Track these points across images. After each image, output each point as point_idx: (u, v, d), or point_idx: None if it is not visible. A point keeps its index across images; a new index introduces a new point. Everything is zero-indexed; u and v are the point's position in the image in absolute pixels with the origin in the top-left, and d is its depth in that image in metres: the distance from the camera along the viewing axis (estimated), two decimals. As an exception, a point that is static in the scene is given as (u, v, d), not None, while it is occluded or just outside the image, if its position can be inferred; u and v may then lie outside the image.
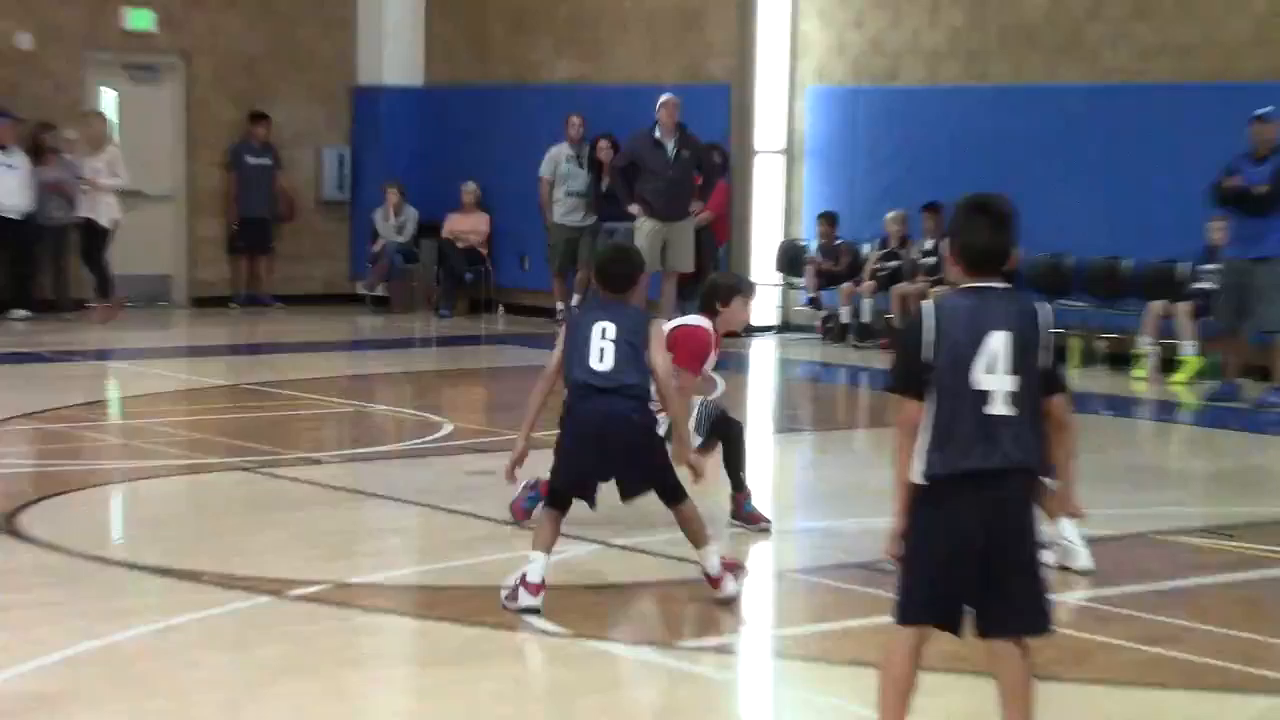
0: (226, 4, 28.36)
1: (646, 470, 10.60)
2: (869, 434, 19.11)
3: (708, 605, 10.64)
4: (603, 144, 25.42)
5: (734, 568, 10.52)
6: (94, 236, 25.78)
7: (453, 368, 22.74)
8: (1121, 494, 14.27)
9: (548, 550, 10.22)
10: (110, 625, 10.12)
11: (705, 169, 24.78)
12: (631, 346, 10.32)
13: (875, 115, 25.57)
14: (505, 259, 28.15)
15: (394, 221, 28.59)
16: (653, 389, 10.57)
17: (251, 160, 28.14)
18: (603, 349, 10.28)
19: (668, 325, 12.23)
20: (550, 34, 28.10)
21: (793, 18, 26.49)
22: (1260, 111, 19.91)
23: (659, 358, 10.48)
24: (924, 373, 7.14)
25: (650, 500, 10.69)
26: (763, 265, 26.40)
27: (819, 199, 26.05)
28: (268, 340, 24.57)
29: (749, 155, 26.46)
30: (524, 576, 10.14)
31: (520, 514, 12.48)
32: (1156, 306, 21.99)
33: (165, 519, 13.86)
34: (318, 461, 15.83)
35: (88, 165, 25.54)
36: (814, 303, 25.51)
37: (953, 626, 7.20)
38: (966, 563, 7.15)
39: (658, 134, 24.17)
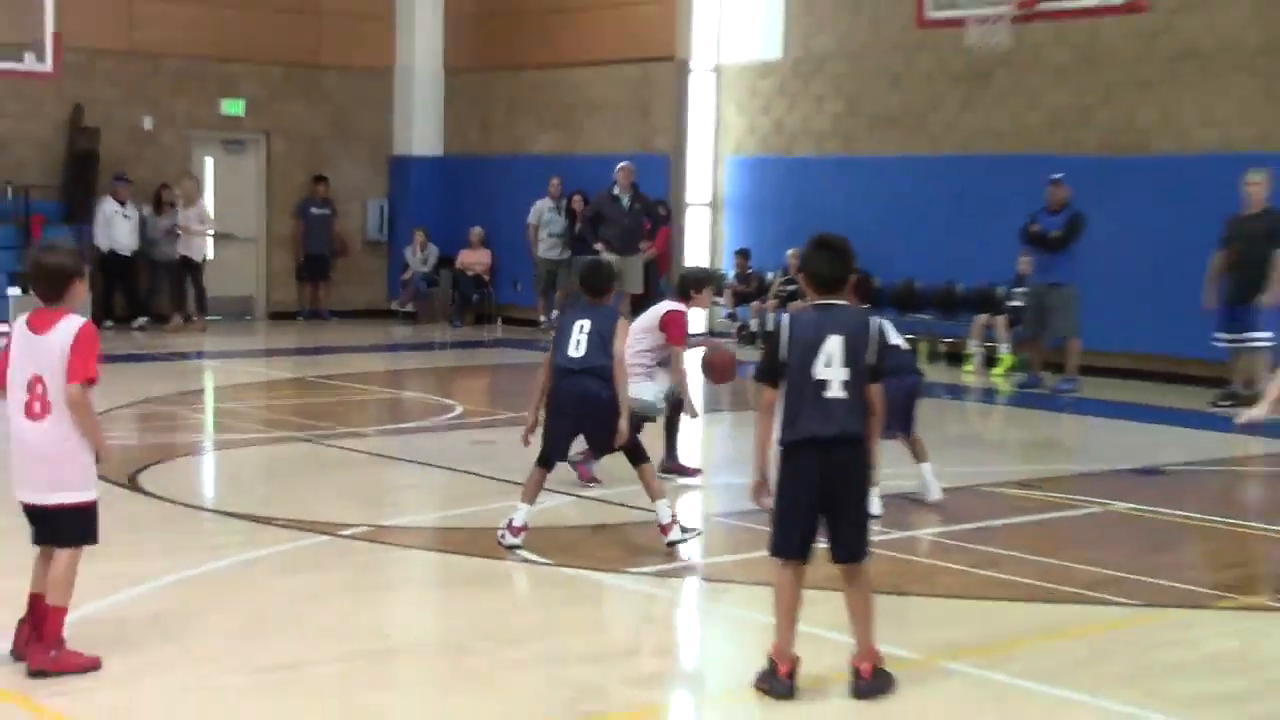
0: (297, 94, 28.43)
1: (610, 433, 10.73)
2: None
3: (655, 543, 10.85)
4: (576, 198, 25.79)
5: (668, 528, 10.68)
6: (191, 268, 25.90)
7: (462, 365, 22.87)
8: (957, 457, 14.49)
9: (531, 502, 10.61)
10: (207, 557, 10.53)
11: (652, 218, 25.07)
12: (601, 337, 10.58)
13: (777, 179, 25.77)
14: (503, 284, 28.35)
15: (420, 256, 28.87)
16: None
17: (314, 211, 28.34)
18: (579, 339, 10.46)
19: (658, 309, 12.85)
20: (536, 117, 28.23)
21: (716, 107, 26.73)
22: (1054, 176, 20.37)
23: (619, 344, 10.69)
24: (780, 367, 7.46)
25: (618, 462, 11.00)
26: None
27: (736, 239, 26.35)
28: (325, 344, 24.61)
29: (683, 208, 26.65)
30: (510, 521, 10.58)
31: (585, 475, 12.73)
32: (981, 318, 22.44)
33: (247, 478, 14.24)
34: (362, 435, 16.08)
35: (183, 215, 25.66)
36: (732, 316, 25.76)
37: (807, 554, 7.53)
38: (811, 507, 7.47)
39: (616, 191, 24.60)
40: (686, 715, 7.98)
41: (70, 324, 7.27)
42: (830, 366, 7.60)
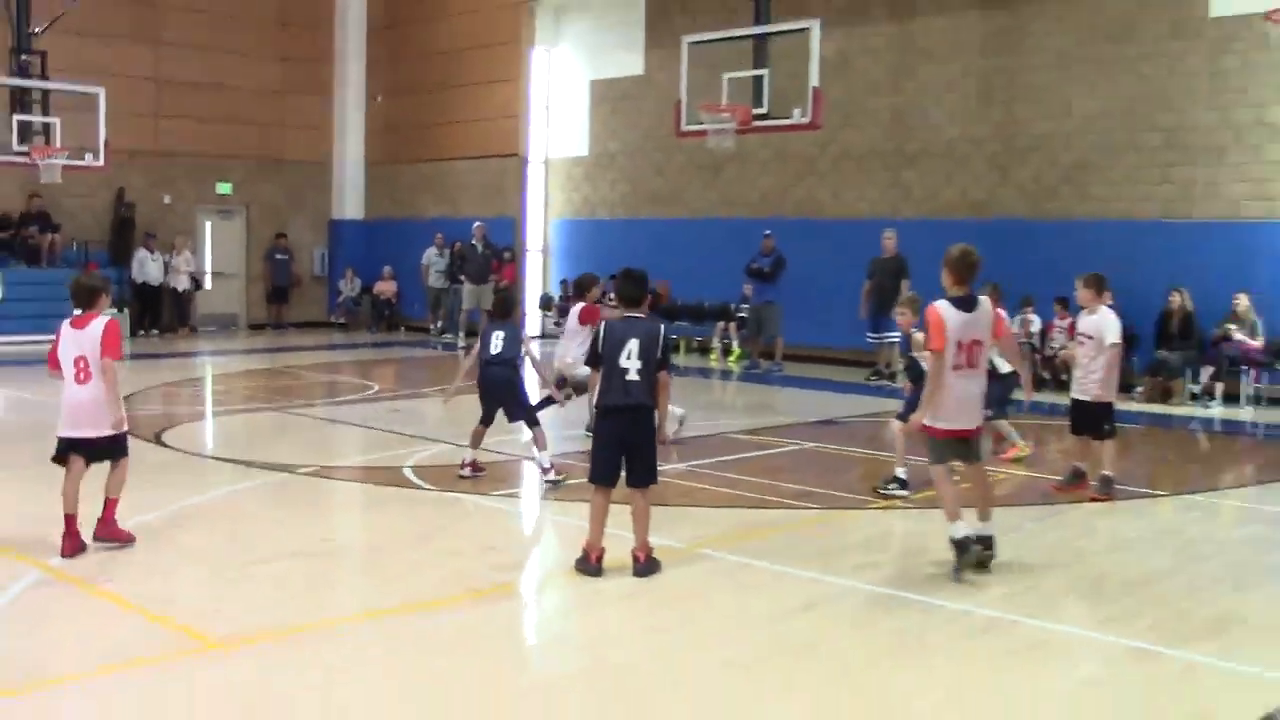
0: (267, 179, 28.10)
1: (516, 406, 10.96)
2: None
3: (512, 475, 10.90)
4: (458, 245, 25.36)
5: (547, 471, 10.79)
6: (181, 294, 25.75)
7: (378, 358, 22.63)
8: (706, 416, 14.56)
9: (476, 447, 10.92)
10: (209, 489, 10.52)
11: (499, 259, 25.07)
12: (514, 340, 10.93)
13: (586, 234, 25.85)
14: (405, 304, 28.09)
15: (349, 286, 28.55)
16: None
17: (278, 256, 27.98)
18: (495, 343, 10.77)
19: (574, 311, 12.80)
20: (428, 193, 28.08)
21: (545, 186, 26.72)
22: (766, 233, 20.82)
23: (533, 347, 11.56)
24: (599, 358, 7.59)
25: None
26: (532, 305, 26.47)
27: (559, 273, 26.26)
28: (285, 345, 24.27)
29: (524, 253, 26.61)
30: (464, 460, 10.92)
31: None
32: (720, 324, 22.52)
33: (235, 436, 14.04)
34: (312, 405, 15.93)
35: (176, 260, 25.48)
36: (558, 324, 25.69)
37: (613, 482, 7.63)
38: (617, 450, 7.55)
39: (474, 241, 24.46)
40: (530, 588, 8.02)
41: (101, 320, 7.98)
42: (630, 359, 7.75)
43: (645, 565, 7.80)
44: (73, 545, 7.87)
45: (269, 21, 28.16)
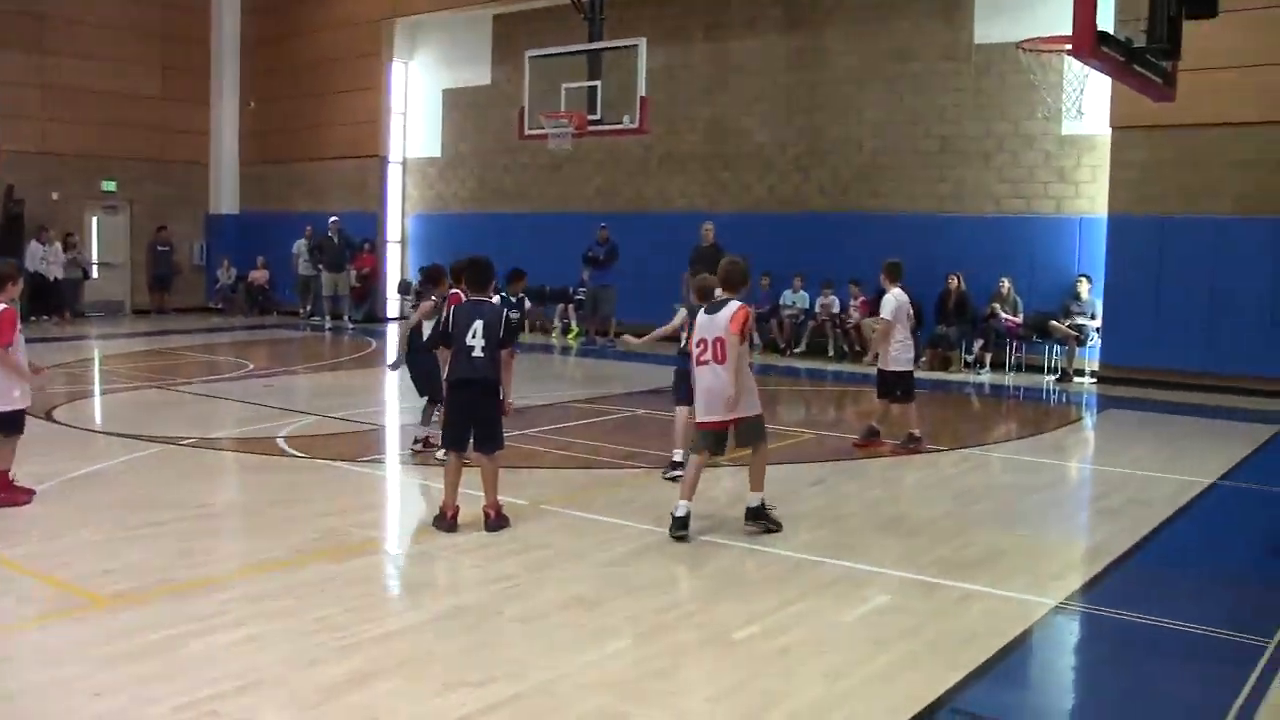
0: (150, 178, 27.01)
1: (419, 381, 10.29)
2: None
3: (377, 442, 10.71)
4: (314, 235, 24.86)
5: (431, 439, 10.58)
6: (65, 283, 24.66)
7: (252, 339, 22.03)
8: (547, 387, 14.49)
9: (426, 423, 10.38)
10: (99, 460, 10.11)
11: (354, 250, 24.61)
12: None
13: (439, 226, 25.48)
14: (278, 290, 27.41)
15: (226, 274, 27.71)
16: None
17: (160, 248, 26.90)
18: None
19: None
20: (297, 190, 27.34)
21: (403, 184, 26.30)
22: (601, 225, 20.65)
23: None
24: (449, 337, 7.48)
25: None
26: (392, 290, 26.06)
27: (419, 261, 25.86)
28: (168, 329, 23.53)
29: (385, 244, 26.13)
30: (416, 437, 10.48)
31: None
32: (561, 306, 22.45)
33: (120, 411, 13.46)
34: (191, 382, 15.43)
35: (47, 251, 24.40)
36: (415, 307, 25.29)
37: (464, 448, 7.54)
38: (465, 419, 7.47)
39: (331, 233, 24.04)
40: (393, 542, 7.90)
41: None
42: (476, 338, 7.64)
43: (495, 521, 7.74)
44: None
45: (151, 35, 27.13)
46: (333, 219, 24.63)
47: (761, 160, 20.92)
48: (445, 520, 7.70)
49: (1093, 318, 16.92)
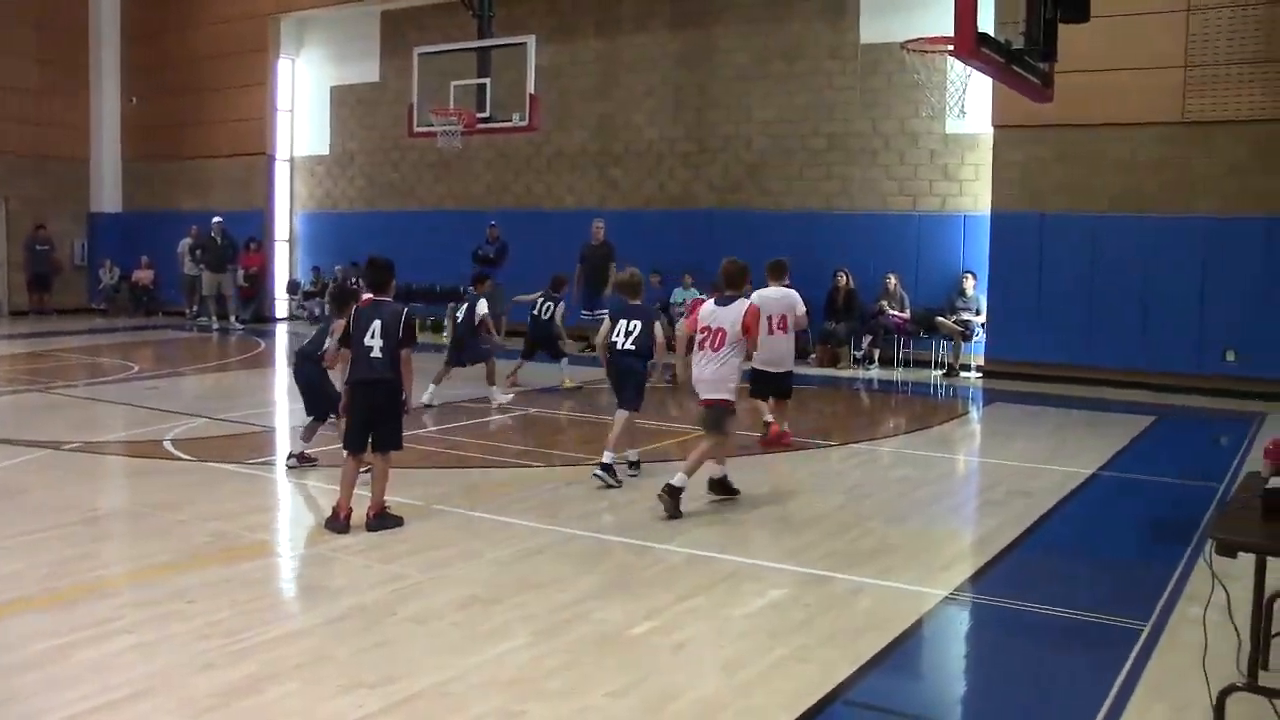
0: (28, 174, 26.22)
1: (306, 396, 9.86)
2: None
3: (267, 444, 10.51)
4: (198, 235, 24.31)
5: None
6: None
7: (137, 340, 21.52)
8: (440, 387, 14.41)
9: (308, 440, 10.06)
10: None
11: (236, 249, 24.06)
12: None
13: (328, 225, 25.20)
14: (163, 291, 26.79)
15: (109, 275, 27.03)
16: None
17: (39, 247, 26.06)
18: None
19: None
20: (182, 189, 26.74)
21: (290, 182, 25.88)
22: (491, 222, 20.46)
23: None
24: (349, 338, 7.40)
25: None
26: (280, 290, 25.67)
27: (309, 260, 25.56)
28: (49, 330, 22.89)
29: (273, 243, 25.68)
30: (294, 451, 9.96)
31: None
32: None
33: (3, 416, 13.02)
34: (74, 385, 15.03)
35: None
36: (303, 306, 24.98)
37: (362, 450, 7.48)
38: (365, 420, 7.40)
39: (214, 233, 23.61)
40: (285, 544, 7.77)
41: None
42: (374, 338, 7.58)
43: (376, 521, 7.70)
44: None
45: (26, 24, 26.27)
46: (216, 219, 24.15)
47: (652, 157, 20.98)
48: (338, 521, 7.63)
49: (978, 313, 17.25)
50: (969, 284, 17.35)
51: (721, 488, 8.80)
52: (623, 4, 21.25)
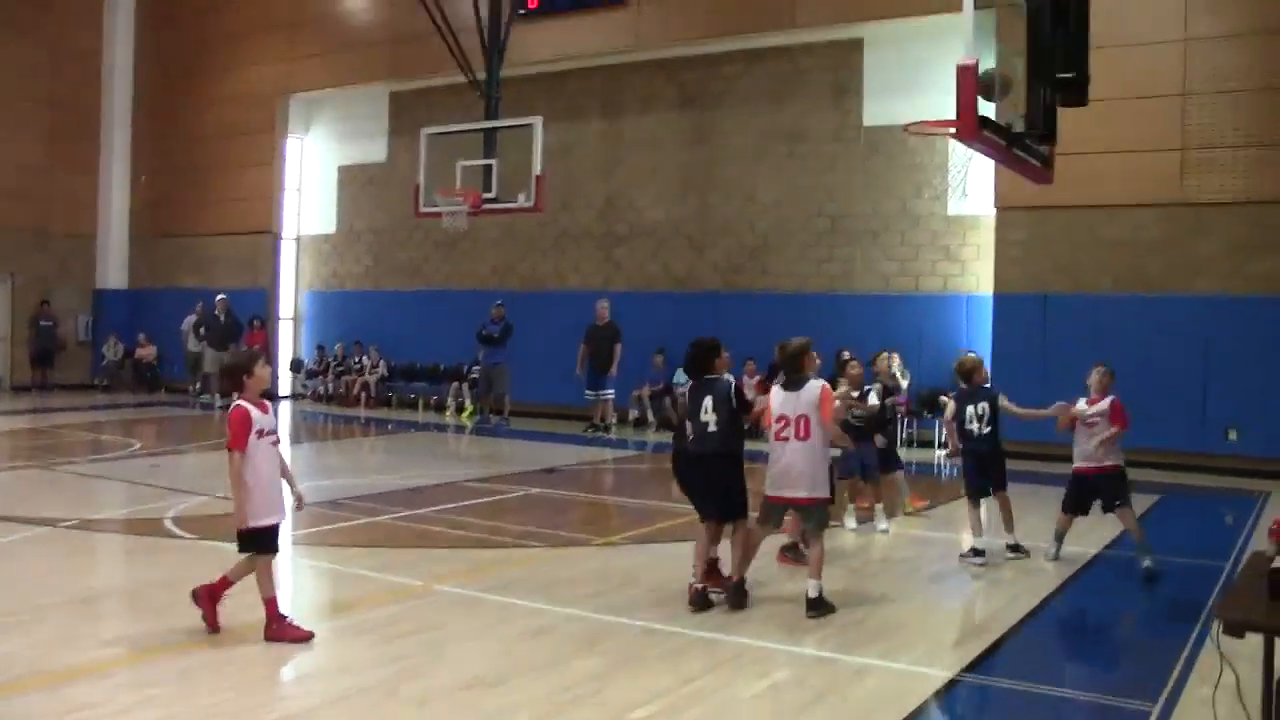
0: (33, 250, 26.47)
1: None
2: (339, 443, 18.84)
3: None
4: (202, 312, 24.38)
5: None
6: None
7: (140, 418, 21.53)
8: (440, 466, 14.34)
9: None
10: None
11: (239, 328, 24.04)
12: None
13: (336, 304, 25.36)
14: (166, 366, 26.85)
15: (112, 351, 27.13)
16: None
17: (43, 323, 26.25)
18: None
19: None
20: (187, 266, 26.96)
21: (296, 260, 26.07)
22: (497, 303, 20.81)
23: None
24: None
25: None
26: (284, 369, 25.75)
27: (314, 339, 25.65)
28: (51, 406, 22.90)
29: (277, 321, 25.81)
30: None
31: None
32: (455, 384, 22.31)
33: (4, 491, 12.96)
34: (75, 462, 14.97)
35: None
36: (306, 385, 25.04)
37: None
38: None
39: (217, 311, 23.63)
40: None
41: None
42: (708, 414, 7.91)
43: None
44: None
45: (40, 101, 26.62)
46: (220, 296, 24.21)
47: (656, 238, 21.12)
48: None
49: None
50: (972, 364, 17.31)
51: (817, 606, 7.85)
52: (628, 86, 21.52)
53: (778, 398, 8.03)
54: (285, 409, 23.76)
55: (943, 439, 17.62)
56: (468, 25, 19.04)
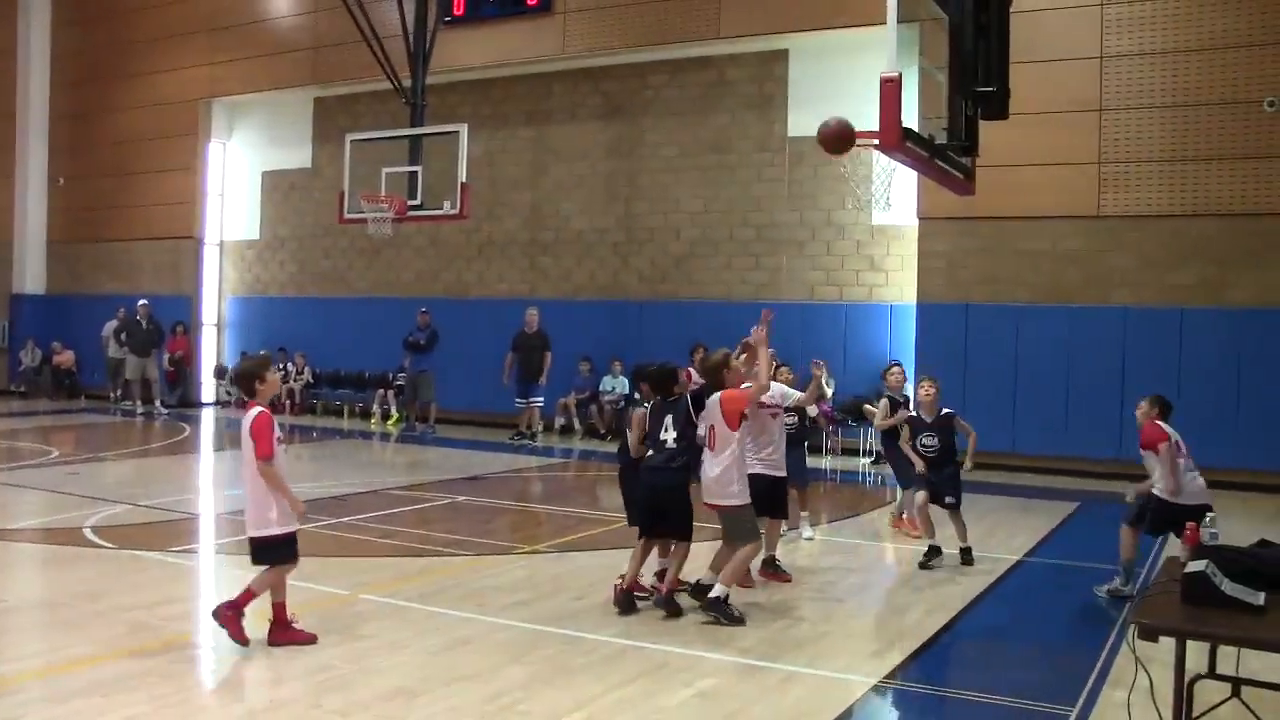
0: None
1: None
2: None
3: (189, 531, 10.27)
4: (124, 317, 24.00)
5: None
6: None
7: (58, 424, 21.13)
8: (365, 474, 14.24)
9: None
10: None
11: (161, 334, 23.77)
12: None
13: (258, 310, 25.02)
14: (85, 373, 26.35)
15: (29, 357, 26.55)
16: None
17: (-43, 329, 25.79)
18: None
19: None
20: (107, 271, 26.49)
21: (220, 266, 25.69)
22: (422, 309, 20.58)
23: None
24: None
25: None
26: (207, 375, 25.42)
27: (238, 345, 25.27)
28: (-34, 413, 22.45)
29: (200, 327, 25.43)
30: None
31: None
32: (380, 392, 22.16)
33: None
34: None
35: None
36: (230, 392, 24.67)
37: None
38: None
39: (139, 317, 23.30)
40: (205, 635, 7.56)
41: None
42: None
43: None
44: None
45: (-50, 106, 26.12)
46: (141, 302, 23.86)
47: (581, 246, 21.11)
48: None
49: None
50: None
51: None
52: (553, 95, 21.50)
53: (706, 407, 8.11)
54: (209, 416, 23.41)
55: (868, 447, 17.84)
56: (393, 31, 18.91)
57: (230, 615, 6.98)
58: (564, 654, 7.05)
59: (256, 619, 7.12)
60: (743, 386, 8.28)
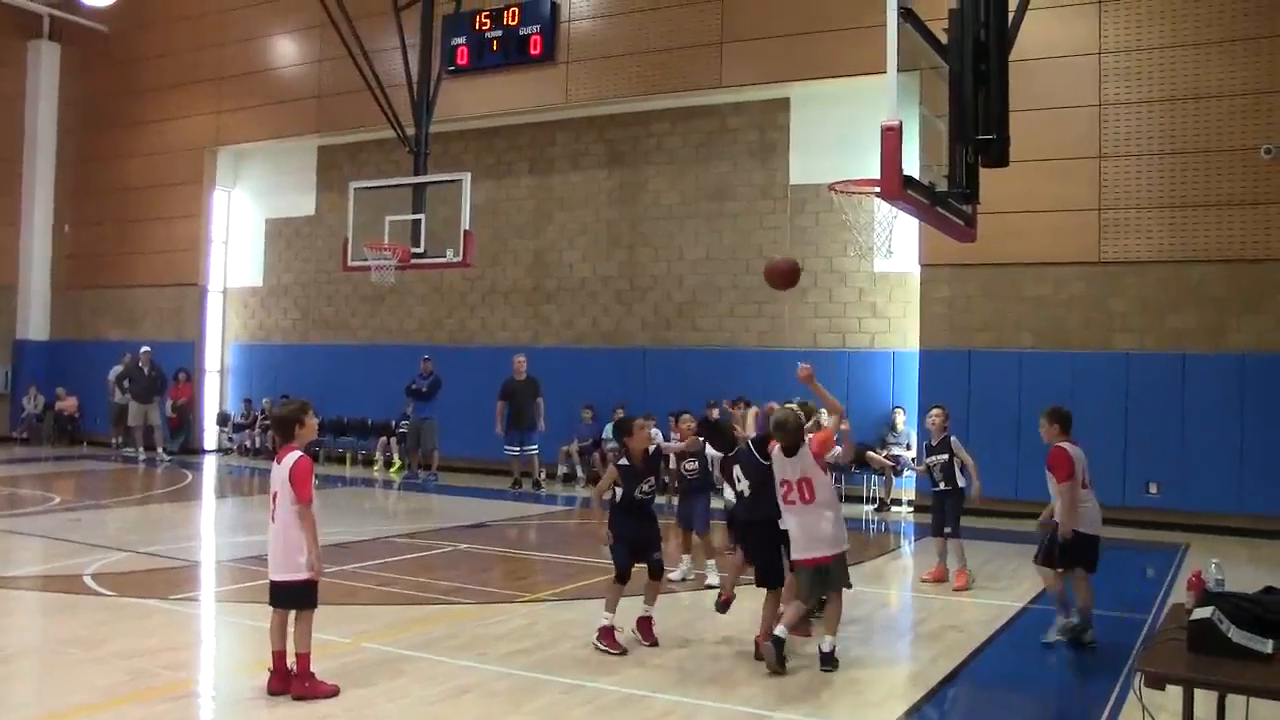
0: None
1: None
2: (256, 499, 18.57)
3: (187, 580, 10.22)
4: (128, 364, 24.04)
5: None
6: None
7: (59, 471, 21.08)
8: (370, 521, 14.19)
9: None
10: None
11: (163, 381, 23.83)
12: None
13: (260, 356, 25.04)
14: (87, 419, 26.35)
15: (32, 403, 26.55)
16: None
17: (-41, 375, 25.80)
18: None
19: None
20: (111, 318, 26.53)
21: (223, 313, 25.76)
22: (425, 357, 20.65)
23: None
24: None
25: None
26: (210, 422, 25.39)
27: (240, 392, 25.29)
28: (-32, 460, 22.40)
29: (202, 373, 25.44)
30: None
31: None
32: (383, 439, 22.11)
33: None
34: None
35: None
36: (233, 439, 24.68)
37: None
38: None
39: (141, 364, 23.34)
40: (204, 684, 7.52)
41: None
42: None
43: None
44: None
45: (-43, 151, 26.23)
46: (144, 349, 23.93)
47: (584, 294, 21.15)
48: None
49: (908, 448, 17.39)
50: (899, 419, 17.54)
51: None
52: (556, 143, 21.62)
53: (778, 462, 8.24)
54: (211, 463, 23.37)
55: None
56: (397, 80, 19.03)
57: (307, 685, 6.87)
58: (564, 703, 6.98)
59: (255, 669, 7.07)
60: (810, 436, 8.42)
